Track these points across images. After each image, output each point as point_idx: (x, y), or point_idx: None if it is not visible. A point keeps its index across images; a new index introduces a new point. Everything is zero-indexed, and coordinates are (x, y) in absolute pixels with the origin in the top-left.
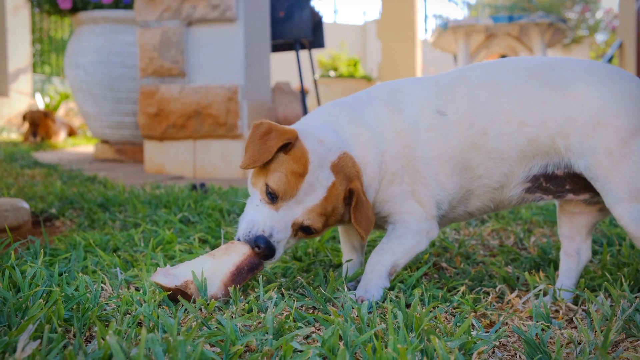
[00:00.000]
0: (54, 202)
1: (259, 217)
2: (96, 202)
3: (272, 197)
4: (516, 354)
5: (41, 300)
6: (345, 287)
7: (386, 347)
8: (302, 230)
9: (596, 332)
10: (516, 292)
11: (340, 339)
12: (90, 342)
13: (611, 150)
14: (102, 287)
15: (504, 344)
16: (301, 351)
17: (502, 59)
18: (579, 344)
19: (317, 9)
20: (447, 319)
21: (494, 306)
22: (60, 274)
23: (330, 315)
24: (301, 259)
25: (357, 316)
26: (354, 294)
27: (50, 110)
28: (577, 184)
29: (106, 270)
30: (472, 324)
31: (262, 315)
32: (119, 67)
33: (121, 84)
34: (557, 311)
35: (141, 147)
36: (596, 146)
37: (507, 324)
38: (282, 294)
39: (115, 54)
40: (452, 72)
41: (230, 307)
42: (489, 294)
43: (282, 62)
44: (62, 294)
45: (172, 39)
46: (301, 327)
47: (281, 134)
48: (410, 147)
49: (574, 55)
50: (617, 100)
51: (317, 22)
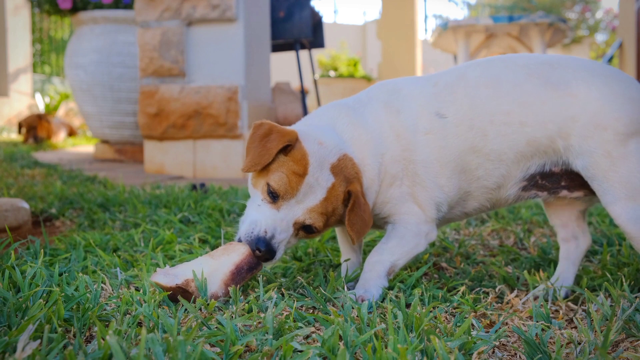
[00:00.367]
0: (54, 202)
1: (261, 217)
2: (96, 202)
3: (274, 196)
4: (516, 354)
5: (41, 300)
6: (345, 287)
7: (386, 347)
8: (304, 229)
9: (596, 332)
10: (516, 292)
11: (340, 339)
12: (90, 342)
13: (609, 151)
14: (102, 287)
15: (504, 344)
16: (301, 351)
17: (502, 55)
18: (579, 344)
19: (317, 9)
20: (447, 319)
21: (494, 306)
22: (60, 274)
23: (330, 315)
24: (301, 259)
25: (357, 316)
26: (354, 294)
27: (48, 111)
28: (573, 181)
29: (106, 270)
30: (472, 324)
31: (262, 315)
32: (119, 67)
33: (121, 84)
34: (557, 311)
35: (141, 147)
36: (595, 147)
37: (507, 324)
38: (282, 294)
39: (115, 54)
40: (451, 70)
41: (230, 307)
42: (488, 294)
43: (282, 62)
44: (62, 294)
45: (172, 39)
46: (301, 327)
47: (281, 135)
48: (409, 150)
49: (574, 55)
50: (617, 102)
51: (317, 22)
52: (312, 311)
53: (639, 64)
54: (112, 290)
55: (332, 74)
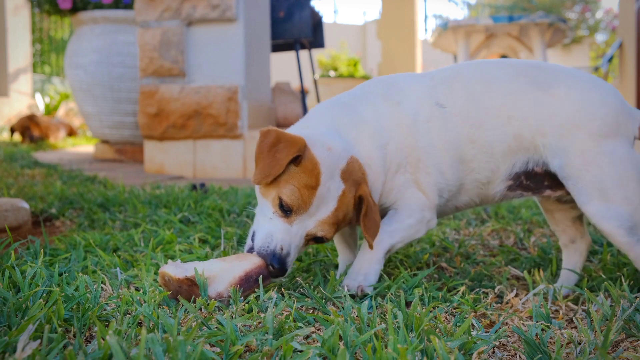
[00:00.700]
0: (54, 202)
1: (275, 230)
2: (96, 202)
3: (286, 211)
4: (516, 354)
5: (41, 300)
6: (345, 287)
7: (386, 347)
8: (314, 239)
9: (596, 332)
10: (515, 292)
11: (340, 339)
12: (90, 342)
13: (583, 150)
14: (102, 287)
15: (504, 344)
16: (301, 351)
17: (494, 59)
18: (579, 344)
19: (317, 9)
20: (447, 319)
21: (494, 306)
22: (60, 274)
23: (330, 315)
24: (301, 259)
25: (357, 316)
26: (354, 279)
27: (48, 111)
28: (555, 180)
29: (106, 270)
30: (472, 324)
31: (262, 315)
32: (119, 67)
33: (121, 84)
34: (557, 311)
35: (141, 147)
36: (570, 146)
37: (507, 324)
38: (282, 294)
39: (115, 54)
40: (446, 68)
41: (230, 307)
42: (488, 294)
43: (282, 62)
44: (62, 294)
45: (172, 39)
46: (301, 327)
47: (290, 144)
48: (412, 137)
49: (574, 55)
50: (593, 105)
51: (317, 22)
52: (312, 311)
53: (639, 64)
54: (112, 290)
55: (332, 74)
